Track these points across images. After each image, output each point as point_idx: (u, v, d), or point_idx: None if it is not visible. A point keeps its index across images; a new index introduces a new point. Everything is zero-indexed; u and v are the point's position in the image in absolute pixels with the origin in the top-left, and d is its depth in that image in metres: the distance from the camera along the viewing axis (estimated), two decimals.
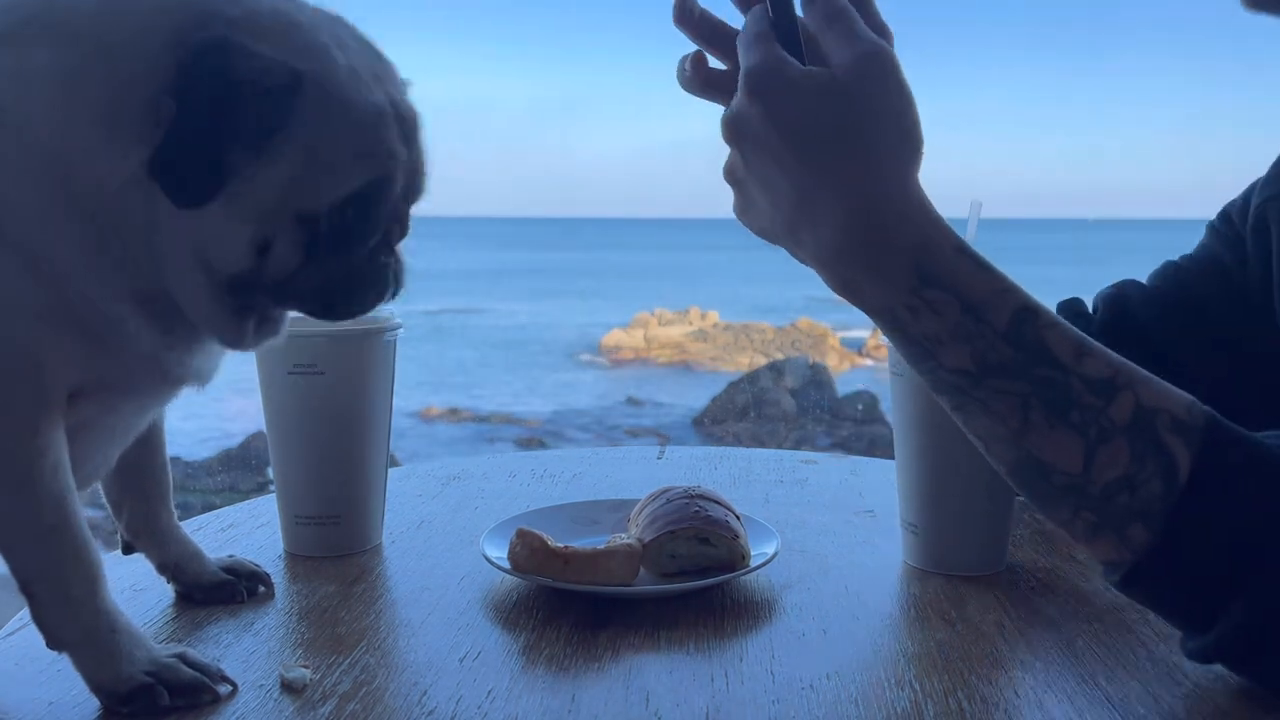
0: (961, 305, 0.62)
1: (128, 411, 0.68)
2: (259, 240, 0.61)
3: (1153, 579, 0.61)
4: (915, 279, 0.62)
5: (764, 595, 0.79)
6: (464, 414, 11.65)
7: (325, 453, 0.87)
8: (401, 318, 0.90)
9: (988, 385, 0.62)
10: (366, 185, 0.62)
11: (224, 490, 6.89)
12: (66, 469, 0.61)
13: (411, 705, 0.62)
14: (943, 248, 0.63)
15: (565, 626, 0.73)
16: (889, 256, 0.63)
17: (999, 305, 0.62)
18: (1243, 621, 0.58)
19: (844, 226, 0.63)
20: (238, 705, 0.62)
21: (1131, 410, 0.60)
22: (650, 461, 1.22)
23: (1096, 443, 0.60)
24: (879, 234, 0.63)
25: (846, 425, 9.38)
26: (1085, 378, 0.61)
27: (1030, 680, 0.66)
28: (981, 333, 0.62)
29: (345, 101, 0.61)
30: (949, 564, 0.84)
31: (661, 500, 0.84)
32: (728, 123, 0.66)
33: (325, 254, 0.63)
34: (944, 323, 0.62)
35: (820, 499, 1.05)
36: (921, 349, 0.64)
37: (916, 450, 0.83)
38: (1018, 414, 0.61)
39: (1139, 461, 0.59)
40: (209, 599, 0.78)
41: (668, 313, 15.95)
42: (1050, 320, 0.62)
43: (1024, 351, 0.61)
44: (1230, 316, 0.91)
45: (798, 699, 0.63)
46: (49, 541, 0.60)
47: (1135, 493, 0.59)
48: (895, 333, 0.65)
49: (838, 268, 0.65)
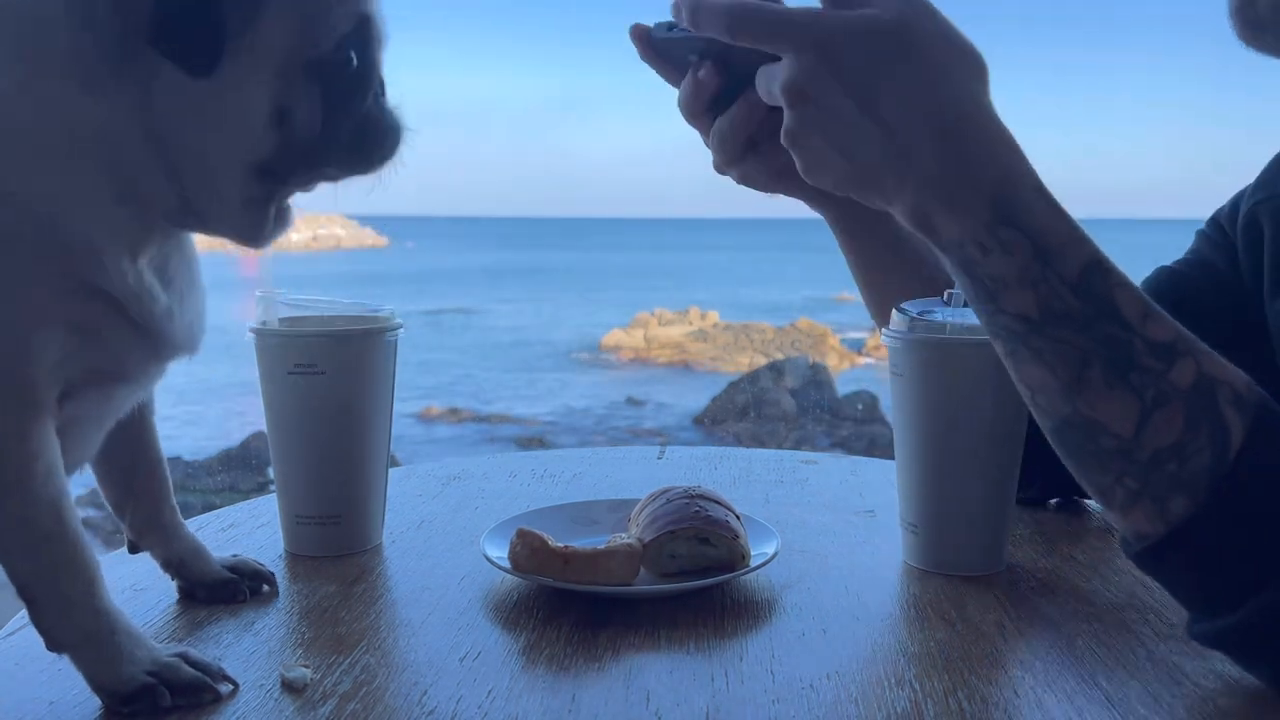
0: (1034, 249, 0.61)
1: (119, 396, 0.68)
2: (277, 104, 0.62)
3: (1184, 553, 0.60)
4: (991, 215, 0.61)
5: (764, 595, 0.79)
6: (464, 414, 11.64)
7: (325, 453, 0.87)
8: (401, 318, 0.90)
9: (1047, 334, 0.61)
10: (357, 24, 0.64)
11: (224, 490, 6.89)
12: (60, 473, 0.61)
13: (412, 705, 0.62)
14: (1023, 184, 0.62)
15: (565, 626, 0.73)
16: (969, 189, 0.62)
17: (1071, 254, 0.61)
18: (1269, 608, 0.57)
19: (926, 158, 0.62)
20: (238, 705, 0.62)
21: (1193, 377, 0.59)
22: (650, 461, 1.22)
23: (1153, 407, 0.59)
24: (960, 165, 0.62)
25: (846, 425, 9.38)
26: (1148, 340, 0.60)
27: (1030, 680, 0.66)
28: (1049, 280, 0.61)
29: None
30: (949, 564, 0.84)
31: (661, 500, 0.84)
32: (786, 85, 0.64)
33: (343, 102, 0.65)
34: (1013, 265, 0.61)
35: (820, 499, 1.05)
36: (985, 290, 0.63)
37: (916, 450, 0.83)
38: (1074, 368, 0.60)
39: (1193, 430, 0.58)
40: (211, 597, 0.78)
41: (668, 313, 15.95)
42: (1121, 278, 0.61)
43: (1091, 305, 0.60)
44: (1222, 320, 0.91)
45: (798, 699, 0.63)
46: (45, 547, 0.60)
47: (1184, 463, 0.58)
48: (961, 270, 0.64)
49: (915, 199, 0.63)
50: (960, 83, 0.63)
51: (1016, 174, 0.62)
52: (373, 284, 26.91)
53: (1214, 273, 0.92)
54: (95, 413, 0.66)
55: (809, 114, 0.64)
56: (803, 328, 14.76)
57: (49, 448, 0.60)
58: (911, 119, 0.62)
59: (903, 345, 0.83)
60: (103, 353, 0.62)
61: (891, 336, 0.84)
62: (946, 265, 0.66)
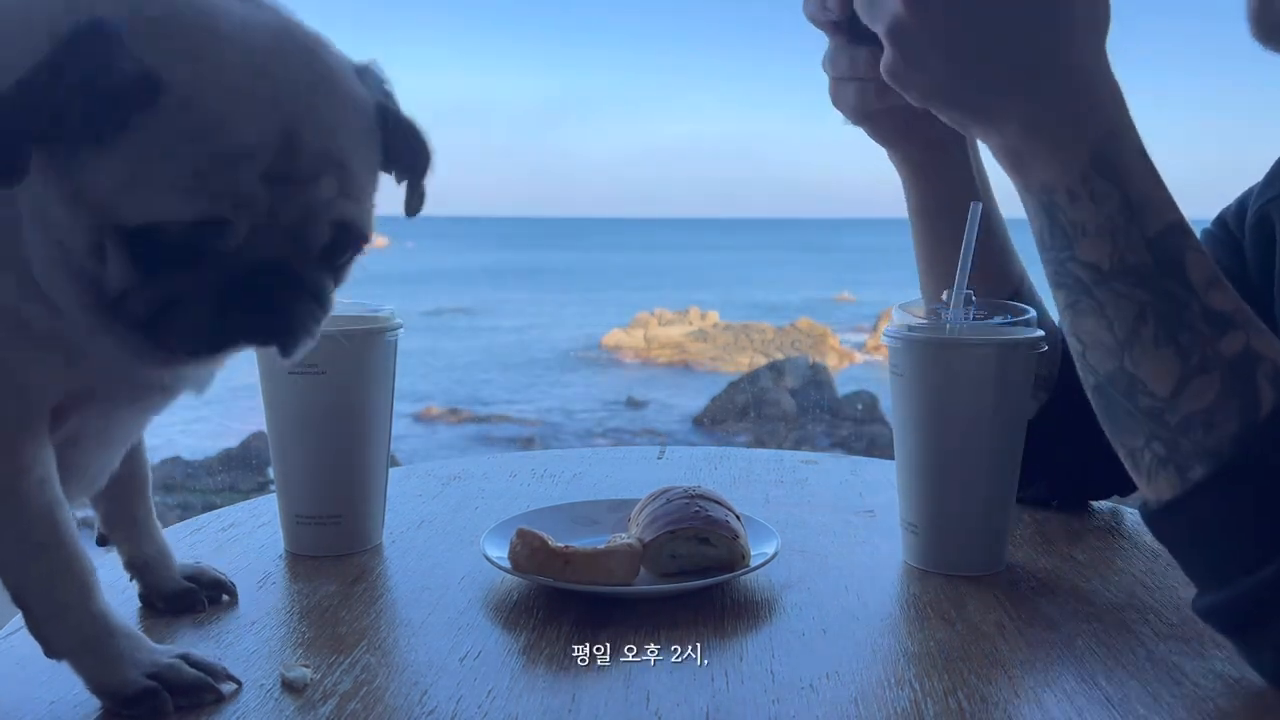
0: (1122, 202, 0.61)
1: (123, 418, 0.67)
2: (93, 240, 0.55)
3: (1198, 515, 0.60)
4: (1090, 165, 0.61)
5: (764, 595, 0.79)
6: (464, 414, 11.64)
7: (325, 453, 0.87)
8: (401, 318, 0.90)
9: (1112, 287, 0.61)
10: (196, 221, 0.54)
11: (224, 490, 6.89)
12: (53, 483, 0.60)
13: (412, 705, 0.62)
14: (1127, 140, 0.62)
15: (565, 626, 0.73)
16: (1074, 139, 0.62)
17: (1156, 213, 0.61)
18: (1272, 582, 0.57)
19: (1038, 101, 0.62)
20: (239, 705, 0.62)
21: (1240, 349, 0.59)
22: (650, 461, 1.22)
23: (1195, 371, 0.59)
24: (1071, 114, 0.62)
25: (846, 425, 9.38)
26: (1207, 307, 0.60)
27: (1030, 680, 0.66)
28: (1129, 233, 0.61)
29: (203, 126, 0.54)
30: (949, 564, 0.84)
31: (661, 500, 0.84)
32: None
33: (155, 276, 0.56)
34: (1097, 214, 0.61)
35: (820, 499, 1.05)
36: (1064, 235, 0.63)
37: (916, 450, 0.83)
38: (1130, 323, 0.61)
39: (1225, 398, 0.59)
40: (169, 607, 0.76)
41: (668, 313, 15.94)
42: (1198, 245, 0.62)
43: (1161, 263, 0.61)
44: None
45: (798, 699, 0.63)
46: (38, 557, 0.60)
47: (1210, 430, 0.59)
48: (1044, 213, 0.64)
49: (1015, 138, 0.63)
50: (1083, 30, 0.63)
51: (1121, 129, 0.62)
52: (373, 284, 26.83)
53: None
54: (97, 433, 0.65)
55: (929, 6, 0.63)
56: (803, 328, 14.75)
57: (41, 461, 0.60)
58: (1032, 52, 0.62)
59: (903, 345, 0.83)
60: (98, 375, 0.61)
61: (891, 336, 0.84)
62: (1026, 206, 0.65)
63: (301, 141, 0.56)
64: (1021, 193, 0.65)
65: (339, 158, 0.58)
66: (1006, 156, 0.64)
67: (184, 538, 0.92)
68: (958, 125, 0.67)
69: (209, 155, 0.54)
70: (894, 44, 0.66)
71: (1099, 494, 1.01)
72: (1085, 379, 0.64)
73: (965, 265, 0.82)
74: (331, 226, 0.59)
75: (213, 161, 0.54)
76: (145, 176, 0.54)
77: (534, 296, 23.26)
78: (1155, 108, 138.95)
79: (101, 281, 0.56)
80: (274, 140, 0.55)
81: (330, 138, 0.58)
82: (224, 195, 0.54)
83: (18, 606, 0.61)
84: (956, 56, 0.64)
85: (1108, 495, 1.01)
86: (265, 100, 0.55)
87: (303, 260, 0.59)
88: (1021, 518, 0.96)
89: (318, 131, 0.57)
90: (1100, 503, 1.02)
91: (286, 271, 0.59)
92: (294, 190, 0.57)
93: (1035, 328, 0.83)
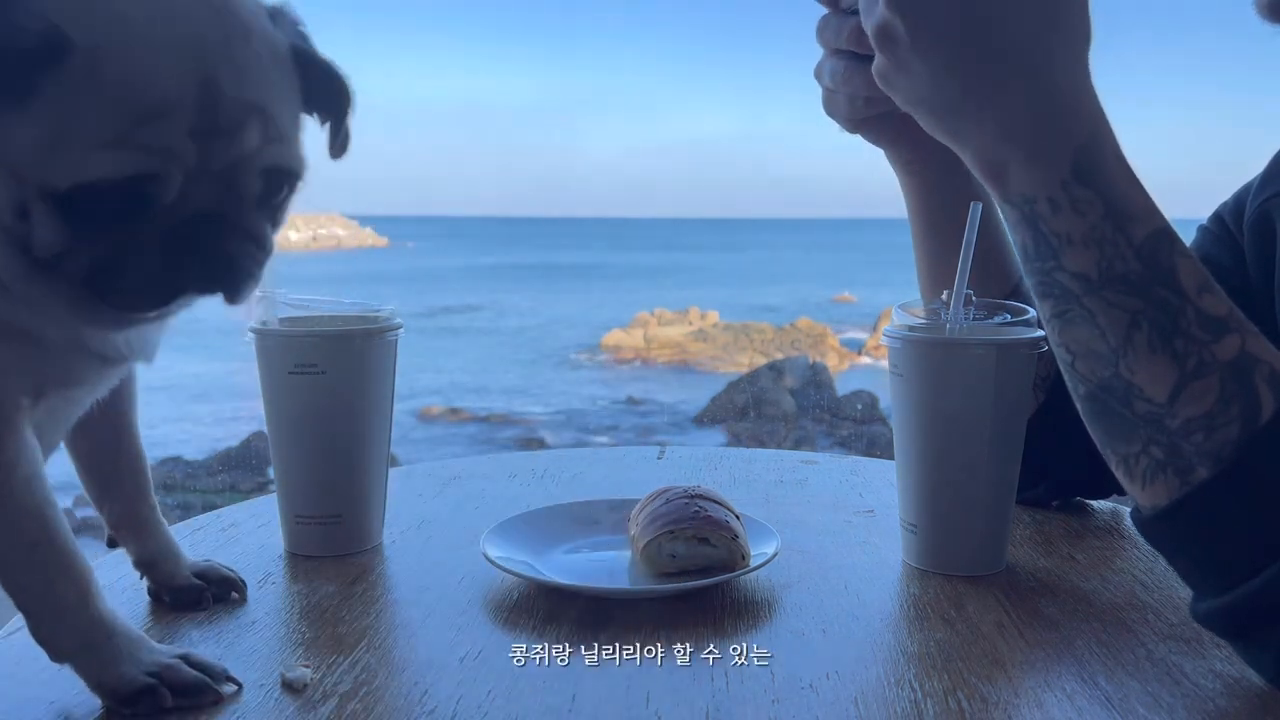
0: (1106, 210, 0.61)
1: (77, 399, 0.67)
2: (16, 204, 0.55)
3: (1195, 519, 0.60)
4: (1070, 173, 0.61)
5: (764, 595, 0.79)
6: (464, 414, 11.64)
7: (325, 453, 0.87)
8: (401, 317, 0.90)
9: (1103, 295, 0.61)
10: (125, 178, 0.54)
11: (224, 490, 6.89)
12: (42, 480, 0.60)
13: (412, 705, 0.62)
14: (1106, 147, 0.62)
15: (565, 626, 0.73)
16: (1052, 147, 0.62)
17: (1141, 220, 0.61)
18: (1272, 586, 0.57)
19: (1016, 108, 0.62)
20: (239, 705, 0.62)
21: (1236, 352, 0.59)
22: (650, 461, 1.22)
23: (1192, 376, 0.59)
24: (1048, 123, 0.62)
25: (846, 425, 9.37)
26: (1200, 311, 0.60)
27: (1030, 680, 0.66)
28: (1115, 241, 0.61)
29: (120, 82, 0.53)
30: (949, 564, 0.84)
31: (661, 500, 0.84)
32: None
33: (92, 234, 0.56)
34: (1081, 223, 0.61)
35: (820, 499, 1.05)
36: (1048, 246, 0.63)
37: (916, 450, 0.83)
38: (1123, 330, 0.61)
39: (1225, 403, 0.59)
40: (177, 602, 0.77)
41: (668, 313, 15.93)
42: (1185, 251, 0.62)
43: (1151, 270, 0.60)
44: None
45: (798, 699, 0.63)
46: (33, 557, 0.60)
47: (1211, 434, 0.59)
48: (1025, 224, 0.64)
49: (993, 149, 0.63)
50: (1065, 47, 0.63)
51: (1101, 136, 0.63)
52: (373, 284, 26.89)
53: (1217, 268, 0.92)
54: (56, 414, 0.65)
55: (915, 20, 0.64)
56: (803, 328, 14.75)
57: (27, 458, 0.60)
58: (1012, 63, 0.62)
59: (903, 345, 0.83)
60: (60, 362, 0.61)
61: (892, 336, 0.84)
62: (1006, 218, 0.65)
63: (220, 90, 0.56)
64: (1001, 204, 0.65)
65: (260, 103, 0.58)
66: (986, 167, 0.64)
67: (184, 537, 0.91)
68: (938, 133, 0.67)
69: (130, 112, 0.53)
70: (880, 46, 0.66)
71: (1099, 494, 1.01)
72: (1074, 388, 0.64)
73: (965, 265, 0.82)
74: (263, 173, 0.59)
75: (135, 117, 0.53)
76: (67, 138, 0.53)
77: (534, 296, 23.25)
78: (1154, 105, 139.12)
79: (31, 245, 0.55)
80: (193, 91, 0.55)
81: (249, 84, 0.58)
82: (152, 149, 0.54)
83: (19, 610, 0.61)
84: (937, 61, 0.64)
85: (1107, 495, 1.01)
86: (179, 51, 0.55)
87: (238, 207, 0.60)
88: (1021, 518, 0.96)
89: (236, 79, 0.57)
90: (1100, 503, 1.02)
91: (223, 219, 0.59)
92: (221, 142, 0.57)
93: (1035, 328, 0.83)
